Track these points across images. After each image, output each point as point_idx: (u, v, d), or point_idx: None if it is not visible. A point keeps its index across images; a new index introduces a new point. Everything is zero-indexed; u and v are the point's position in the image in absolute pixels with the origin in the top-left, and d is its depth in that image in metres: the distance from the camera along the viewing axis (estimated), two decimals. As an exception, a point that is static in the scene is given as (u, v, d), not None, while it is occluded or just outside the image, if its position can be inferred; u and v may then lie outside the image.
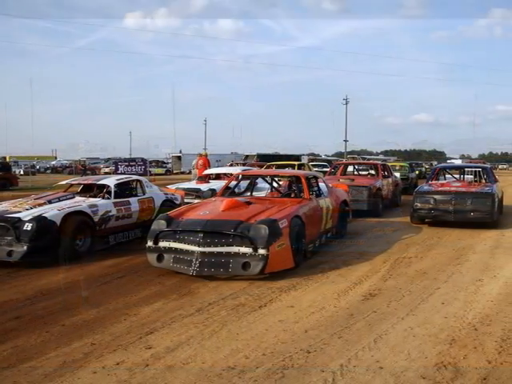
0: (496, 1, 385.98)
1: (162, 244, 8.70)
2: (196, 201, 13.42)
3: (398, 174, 24.01)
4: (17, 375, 4.85)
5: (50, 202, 10.62)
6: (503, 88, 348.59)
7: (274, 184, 13.02)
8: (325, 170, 34.19)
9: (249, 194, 12.09)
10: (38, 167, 69.60)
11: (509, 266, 9.36)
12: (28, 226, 9.37)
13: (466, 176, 17.87)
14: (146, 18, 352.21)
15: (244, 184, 13.45)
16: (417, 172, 34.52)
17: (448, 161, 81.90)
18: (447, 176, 18.34)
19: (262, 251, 8.09)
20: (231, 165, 35.64)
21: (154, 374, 4.83)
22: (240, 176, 12.99)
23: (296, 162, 28.60)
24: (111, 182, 11.80)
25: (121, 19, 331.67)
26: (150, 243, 8.84)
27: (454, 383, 4.57)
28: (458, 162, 64.49)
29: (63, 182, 13.18)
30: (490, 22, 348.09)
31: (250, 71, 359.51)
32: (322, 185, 12.13)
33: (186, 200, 14.16)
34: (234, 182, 12.52)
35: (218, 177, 19.07)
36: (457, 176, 18.27)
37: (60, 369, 4.98)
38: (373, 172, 21.82)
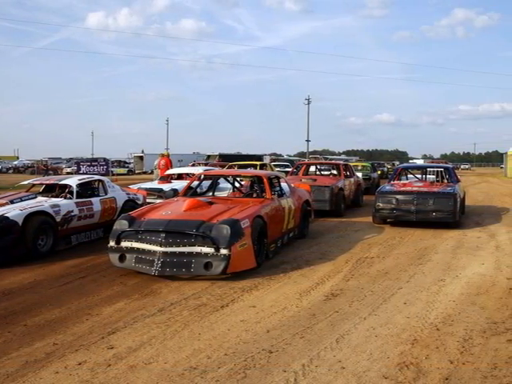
0: (458, 1, 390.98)
1: (124, 244, 8.65)
2: (158, 201, 13.35)
3: (360, 174, 24.16)
4: (-22, 376, 4.80)
5: (12, 201, 10.55)
6: (465, 88, 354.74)
7: (236, 184, 13.07)
8: (287, 169, 34.38)
9: (211, 194, 12.09)
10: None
11: (471, 266, 9.45)
12: (-10, 226, 9.28)
13: (428, 176, 18.07)
14: (108, 18, 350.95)
15: (206, 184, 13.45)
16: (379, 172, 34.76)
17: (410, 161, 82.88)
18: (409, 176, 18.53)
19: (223, 251, 8.10)
20: (193, 165, 35.54)
21: (116, 374, 4.81)
22: (202, 176, 12.98)
23: (258, 162, 28.71)
24: (73, 182, 11.73)
25: (83, 19, 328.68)
26: (111, 243, 8.79)
27: (416, 383, 4.62)
28: (421, 161, 65.31)
29: (25, 182, 13.11)
30: (451, 22, 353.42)
31: (213, 71, 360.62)
32: (284, 185, 12.17)
33: (148, 200, 14.12)
34: (196, 182, 12.52)
35: (180, 177, 19.00)
36: (419, 176, 18.44)
37: (22, 369, 4.95)
38: (335, 172, 21.96)
